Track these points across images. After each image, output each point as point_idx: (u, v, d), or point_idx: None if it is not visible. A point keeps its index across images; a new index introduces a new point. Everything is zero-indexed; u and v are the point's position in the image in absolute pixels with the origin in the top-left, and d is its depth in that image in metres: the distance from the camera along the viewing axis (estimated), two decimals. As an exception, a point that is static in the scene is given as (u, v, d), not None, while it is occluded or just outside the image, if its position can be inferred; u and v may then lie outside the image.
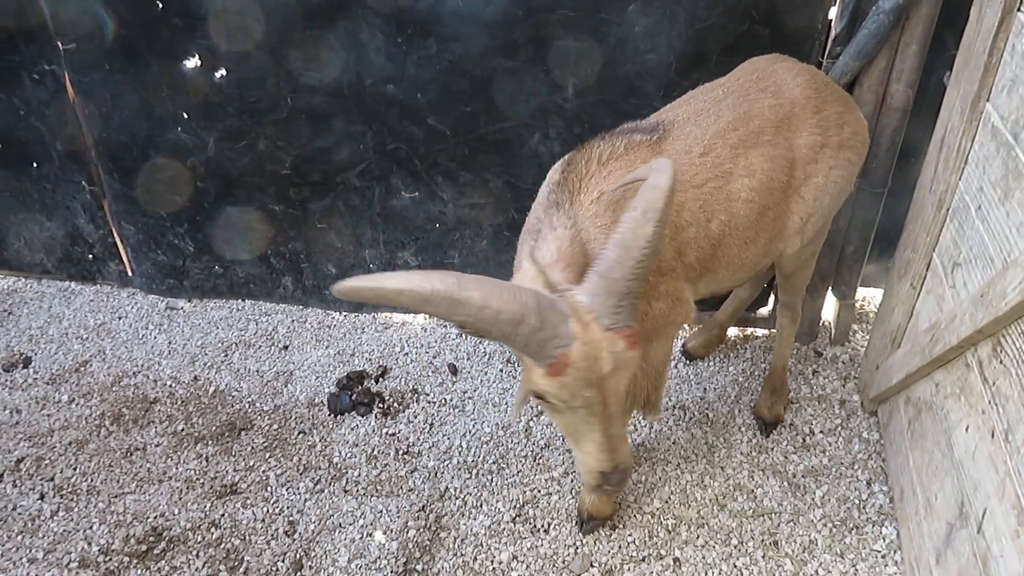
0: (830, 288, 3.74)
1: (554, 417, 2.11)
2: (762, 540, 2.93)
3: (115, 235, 4.26)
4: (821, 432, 3.35)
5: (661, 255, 2.32)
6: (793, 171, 2.61)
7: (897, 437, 3.06)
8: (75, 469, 3.33)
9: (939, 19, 2.93)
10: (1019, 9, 2.28)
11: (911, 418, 2.91)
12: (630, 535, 2.96)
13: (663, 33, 3.12)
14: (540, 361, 1.86)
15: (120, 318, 4.26)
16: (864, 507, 3.02)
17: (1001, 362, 2.17)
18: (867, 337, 3.85)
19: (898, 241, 3.67)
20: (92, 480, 3.28)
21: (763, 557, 2.87)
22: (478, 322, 1.77)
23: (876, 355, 3.33)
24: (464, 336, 2.95)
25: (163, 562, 2.94)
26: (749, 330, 3.94)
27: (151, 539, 3.02)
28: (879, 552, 2.85)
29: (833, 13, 3.04)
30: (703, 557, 2.88)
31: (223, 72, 3.51)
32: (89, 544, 3.00)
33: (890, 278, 3.26)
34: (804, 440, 3.32)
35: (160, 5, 3.35)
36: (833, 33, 3.05)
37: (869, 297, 4.07)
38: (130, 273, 4.40)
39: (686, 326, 3.88)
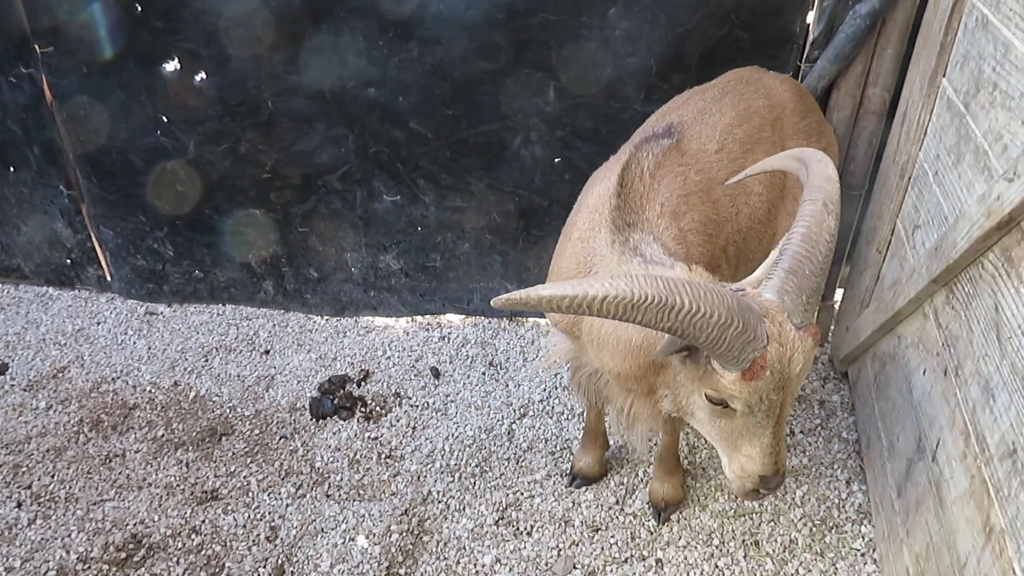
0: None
1: (714, 423, 1.98)
2: (743, 540, 2.95)
3: (94, 239, 4.22)
4: (801, 432, 3.37)
5: (712, 255, 2.35)
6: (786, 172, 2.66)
7: (864, 391, 3.27)
8: (53, 476, 3.29)
9: (914, 24, 2.97)
10: None
11: (877, 372, 3.12)
12: (612, 536, 2.97)
13: (644, 37, 3.14)
14: (735, 366, 1.75)
15: (99, 323, 4.22)
16: (843, 506, 3.05)
17: (953, 307, 2.38)
18: (846, 338, 3.90)
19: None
20: (70, 487, 3.24)
21: (744, 557, 2.89)
22: (686, 327, 1.65)
23: (846, 319, 3.52)
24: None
25: (143, 569, 2.91)
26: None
27: (130, 546, 2.99)
28: (858, 550, 2.88)
29: (811, 18, 3.07)
30: (685, 558, 2.89)
31: (203, 75, 3.49)
32: (67, 552, 2.96)
33: (858, 246, 3.45)
34: (785, 441, 3.34)
35: (139, 8, 3.33)
36: (811, 37, 3.09)
37: (848, 299, 4.11)
38: (109, 278, 4.36)
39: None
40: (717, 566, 2.86)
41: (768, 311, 1.75)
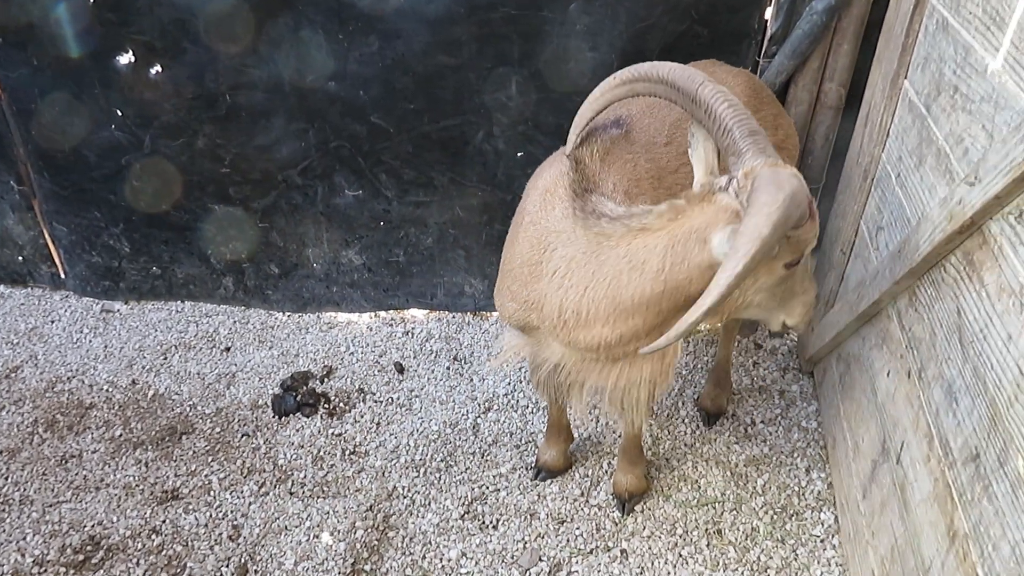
0: (769, 282, 3.84)
1: (777, 291, 2.14)
2: (706, 529, 2.99)
3: (46, 236, 4.12)
4: (762, 422, 3.43)
5: None
6: None
7: (830, 391, 3.29)
8: (6, 479, 3.21)
9: (869, 20, 3.03)
10: None
11: (841, 372, 3.13)
12: (578, 528, 2.99)
13: (605, 32, 3.15)
14: (805, 216, 1.91)
15: (53, 322, 4.12)
16: (803, 494, 3.11)
17: (916, 310, 2.40)
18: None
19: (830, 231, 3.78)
20: (25, 489, 3.17)
21: (707, 546, 2.93)
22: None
23: (812, 319, 3.51)
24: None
25: (101, 572, 2.86)
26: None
27: (88, 548, 2.93)
28: (818, 537, 2.94)
29: (769, 14, 3.12)
30: (649, 548, 2.92)
31: (159, 68, 3.43)
32: (23, 556, 2.90)
33: (823, 246, 3.48)
34: (746, 430, 3.40)
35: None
36: (769, 33, 3.14)
37: (806, 291, 4.19)
38: (63, 275, 4.27)
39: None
40: (681, 555, 2.90)
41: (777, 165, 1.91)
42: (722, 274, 1.76)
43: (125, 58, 3.41)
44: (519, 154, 3.52)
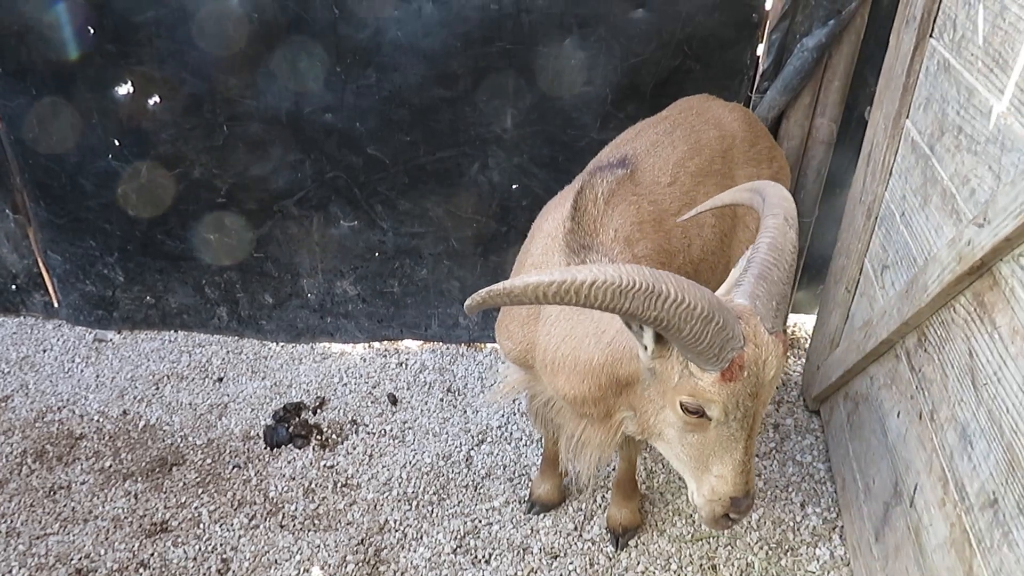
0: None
1: (684, 440, 1.93)
2: (700, 564, 2.96)
3: (41, 265, 4.12)
4: (756, 456, 3.41)
5: None
6: None
7: (838, 431, 3.23)
8: (-7, 510, 3.17)
9: (859, 57, 3.08)
10: (931, 35, 2.51)
11: (849, 412, 3.09)
12: (571, 563, 2.96)
13: (599, 66, 3.19)
14: (714, 365, 1.73)
15: (45, 351, 4.10)
16: (799, 529, 3.08)
17: (925, 350, 2.35)
18: (799, 362, 3.96)
19: (824, 268, 3.81)
20: (11, 521, 3.12)
21: (702, 581, 2.90)
22: (671, 317, 1.62)
23: (816, 357, 3.50)
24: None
25: (87, 605, 2.81)
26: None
27: (75, 581, 2.89)
28: (813, 572, 2.91)
29: (761, 50, 3.16)
30: (644, 583, 2.89)
31: (157, 99, 3.45)
32: (7, 589, 2.86)
33: (827, 284, 3.45)
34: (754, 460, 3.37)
35: (92, 30, 3.29)
36: (761, 69, 3.18)
37: (800, 323, 4.19)
38: (56, 304, 4.25)
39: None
40: (675, 591, 2.87)
41: (742, 313, 1.77)
42: (531, 274, 1.64)
43: (123, 88, 3.44)
44: (514, 186, 3.55)
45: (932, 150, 2.42)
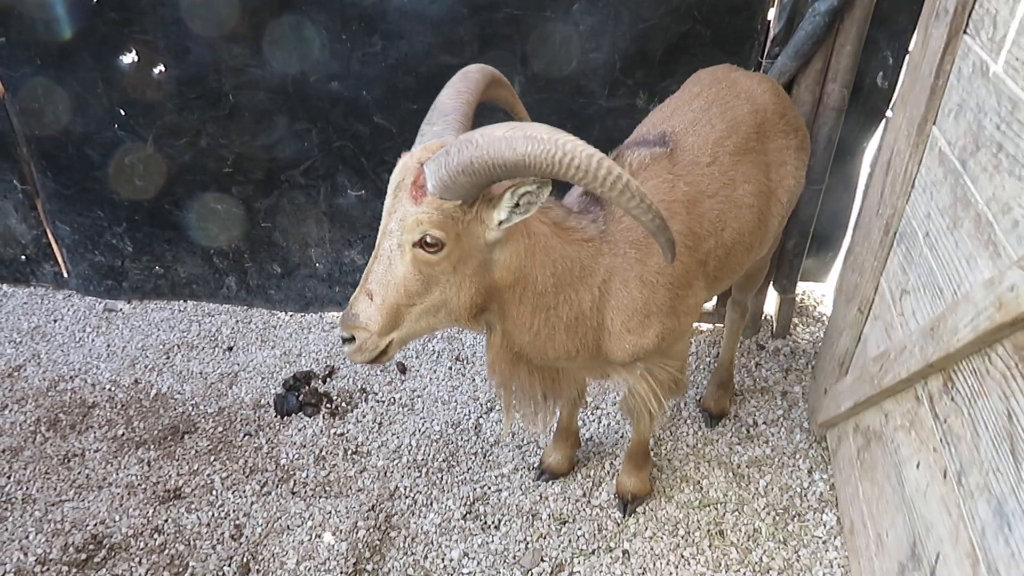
0: (771, 283, 3.83)
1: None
2: (708, 530, 2.99)
3: (49, 235, 4.13)
4: (764, 423, 3.43)
5: (687, 268, 2.34)
6: (770, 174, 2.67)
7: (846, 465, 2.99)
8: (9, 477, 3.21)
9: (872, 21, 3.03)
10: (965, 31, 2.19)
11: (860, 447, 2.83)
12: (579, 529, 2.99)
13: (607, 32, 3.15)
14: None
15: (55, 321, 4.13)
16: (805, 495, 3.11)
17: (952, 399, 2.04)
18: (807, 329, 3.96)
19: (833, 236, 3.77)
20: (27, 488, 3.17)
21: (709, 547, 2.93)
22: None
23: (824, 378, 3.30)
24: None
25: (104, 570, 2.86)
26: (694, 325, 4.01)
27: (91, 547, 2.93)
28: (820, 538, 2.94)
29: (772, 15, 3.11)
30: (651, 548, 2.92)
31: (162, 67, 3.43)
32: (25, 554, 2.90)
33: (837, 301, 3.25)
34: (748, 431, 3.40)
35: (95, -2, 3.26)
36: (772, 34, 3.13)
37: (808, 291, 4.18)
38: (66, 274, 4.27)
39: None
40: (683, 556, 2.90)
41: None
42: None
43: (128, 57, 3.42)
44: (522, 154, 3.52)
45: (964, 166, 2.10)
